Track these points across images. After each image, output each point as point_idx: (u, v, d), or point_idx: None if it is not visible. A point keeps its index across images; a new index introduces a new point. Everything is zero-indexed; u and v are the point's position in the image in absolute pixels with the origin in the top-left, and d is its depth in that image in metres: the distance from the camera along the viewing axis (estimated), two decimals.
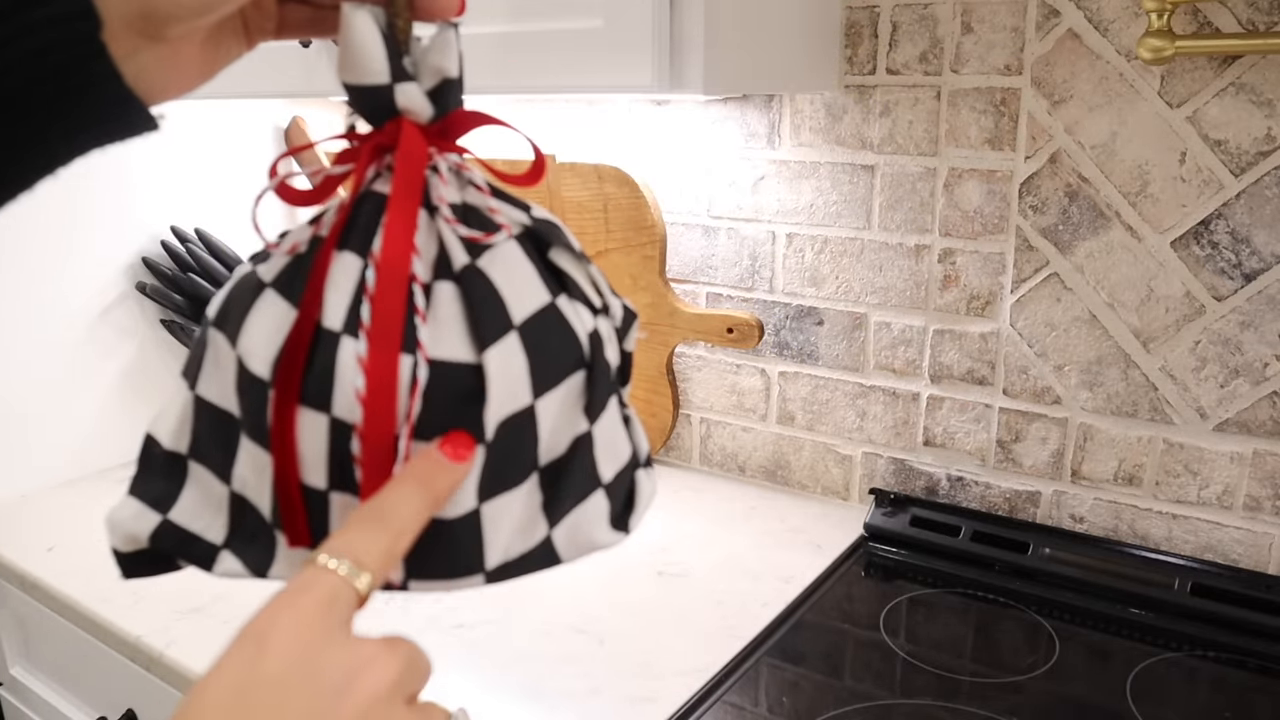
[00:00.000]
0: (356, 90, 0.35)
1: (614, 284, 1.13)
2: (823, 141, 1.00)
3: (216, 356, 0.36)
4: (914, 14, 0.92)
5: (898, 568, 0.94)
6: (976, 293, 0.95)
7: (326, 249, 0.34)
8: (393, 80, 0.35)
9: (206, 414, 0.37)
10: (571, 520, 0.37)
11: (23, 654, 1.08)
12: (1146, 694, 0.74)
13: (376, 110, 0.35)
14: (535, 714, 0.72)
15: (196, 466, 0.37)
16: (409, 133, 0.35)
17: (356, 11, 0.34)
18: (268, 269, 0.36)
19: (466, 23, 0.96)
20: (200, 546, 0.37)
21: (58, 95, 0.30)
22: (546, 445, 0.36)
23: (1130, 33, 0.82)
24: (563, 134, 1.18)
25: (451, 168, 0.37)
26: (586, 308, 0.37)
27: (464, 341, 0.34)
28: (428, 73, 0.36)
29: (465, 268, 0.34)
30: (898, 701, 0.73)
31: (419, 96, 0.35)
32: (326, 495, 0.34)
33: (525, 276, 0.36)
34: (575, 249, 0.38)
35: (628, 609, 0.86)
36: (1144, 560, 0.88)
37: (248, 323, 0.35)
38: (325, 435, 0.33)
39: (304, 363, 0.33)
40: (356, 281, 0.34)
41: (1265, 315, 0.82)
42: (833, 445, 1.08)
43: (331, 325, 0.33)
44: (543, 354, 0.35)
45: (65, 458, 1.18)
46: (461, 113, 0.37)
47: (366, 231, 0.35)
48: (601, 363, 0.37)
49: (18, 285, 1.11)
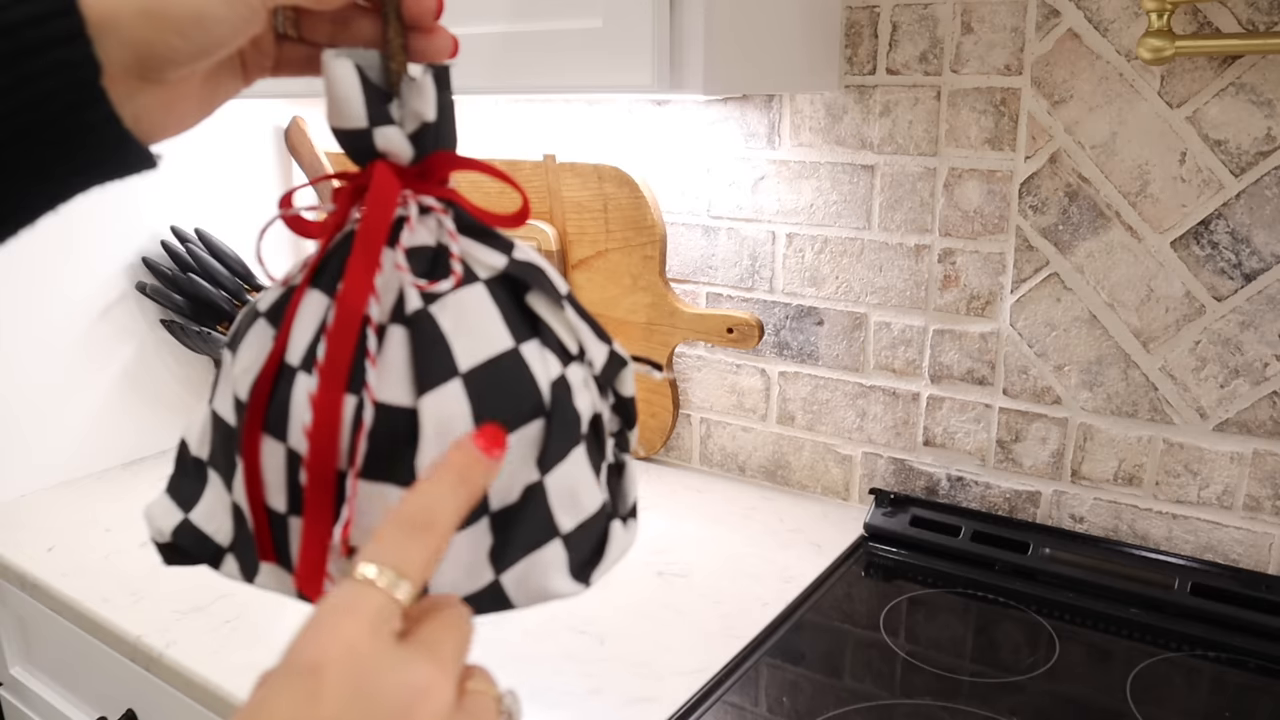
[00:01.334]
0: (341, 133, 0.36)
1: (614, 284, 1.13)
2: (823, 141, 1.00)
3: (225, 375, 0.38)
4: (914, 14, 0.92)
5: (898, 568, 0.94)
6: (976, 293, 0.95)
7: (301, 286, 0.36)
8: (370, 124, 0.36)
9: (218, 427, 0.39)
10: (522, 568, 0.36)
11: (23, 654, 1.08)
12: (1146, 694, 0.74)
13: (360, 152, 0.36)
14: (535, 714, 0.72)
15: (212, 474, 0.39)
16: (381, 175, 0.36)
17: (337, 59, 0.35)
18: (264, 299, 0.38)
19: (466, 23, 0.96)
20: (210, 546, 0.39)
21: (60, 138, 0.31)
22: (498, 491, 0.36)
23: (1130, 33, 0.82)
24: (563, 134, 1.18)
25: (425, 209, 0.37)
26: (557, 355, 0.37)
27: (405, 386, 0.34)
28: (410, 116, 0.37)
29: (416, 312, 0.35)
30: (898, 701, 0.73)
31: (399, 139, 0.36)
32: (285, 519, 0.36)
33: (485, 322, 0.36)
34: (557, 292, 0.38)
35: (628, 609, 0.86)
36: (1144, 560, 0.88)
37: (241, 348, 0.37)
38: (283, 463, 0.35)
39: (268, 393, 0.35)
40: (319, 320, 0.35)
41: (1265, 315, 0.82)
42: (833, 445, 1.08)
43: (291, 360, 0.35)
44: (491, 400, 0.35)
45: (65, 458, 1.18)
46: (441, 155, 0.37)
47: (336, 271, 0.35)
48: (565, 410, 0.36)
49: (18, 285, 1.11)
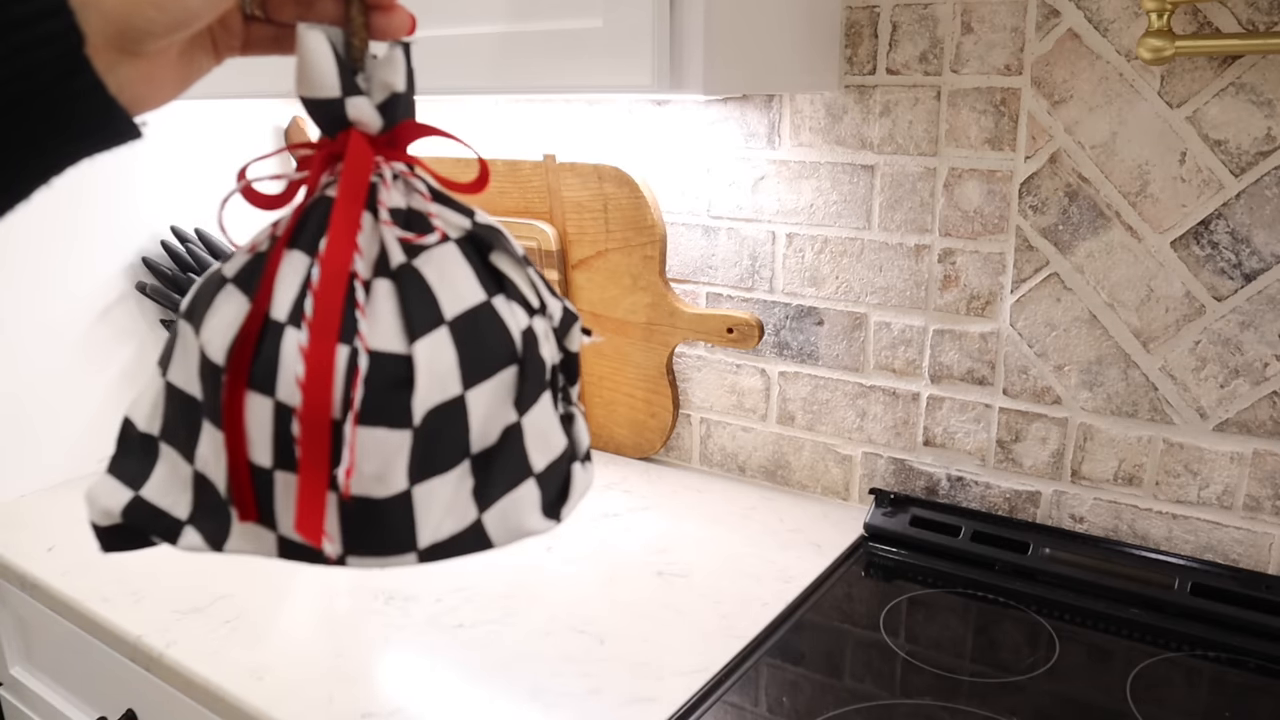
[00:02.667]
0: (312, 103, 0.38)
1: (614, 284, 1.13)
2: (823, 141, 1.00)
3: (184, 346, 0.39)
4: (914, 14, 0.92)
5: (898, 568, 0.94)
6: (976, 293, 0.95)
7: (278, 248, 0.38)
8: (343, 94, 0.38)
9: (175, 399, 0.39)
10: (502, 506, 0.39)
11: (23, 654, 1.08)
12: (1146, 694, 0.74)
13: (330, 121, 0.39)
14: (535, 714, 0.72)
15: (166, 447, 0.40)
16: (356, 142, 0.38)
17: (310, 31, 0.37)
18: (230, 266, 0.39)
19: (466, 23, 0.96)
20: (166, 521, 0.40)
21: (50, 108, 0.33)
22: (478, 434, 0.38)
23: (1130, 33, 0.82)
24: (563, 134, 1.18)
25: (397, 175, 0.39)
26: (523, 307, 0.40)
27: (397, 334, 0.36)
28: (378, 87, 0.39)
29: (401, 266, 0.37)
30: (898, 701, 0.73)
31: (369, 109, 0.38)
32: (271, 473, 0.37)
33: (461, 276, 0.38)
34: (516, 253, 0.41)
35: (628, 609, 0.86)
36: (1144, 560, 0.88)
37: (209, 314, 0.38)
38: (270, 417, 0.36)
39: (253, 351, 0.36)
40: (303, 277, 0.37)
41: (1265, 315, 0.82)
42: (833, 445, 1.08)
43: (278, 316, 0.36)
44: (473, 348, 0.38)
45: (65, 458, 1.18)
46: (409, 124, 0.40)
47: (315, 233, 0.38)
48: (534, 358, 0.40)
49: (18, 285, 1.11)
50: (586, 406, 1.22)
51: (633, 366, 1.16)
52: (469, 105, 1.26)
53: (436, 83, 0.87)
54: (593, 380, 1.20)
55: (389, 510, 0.37)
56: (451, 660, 0.78)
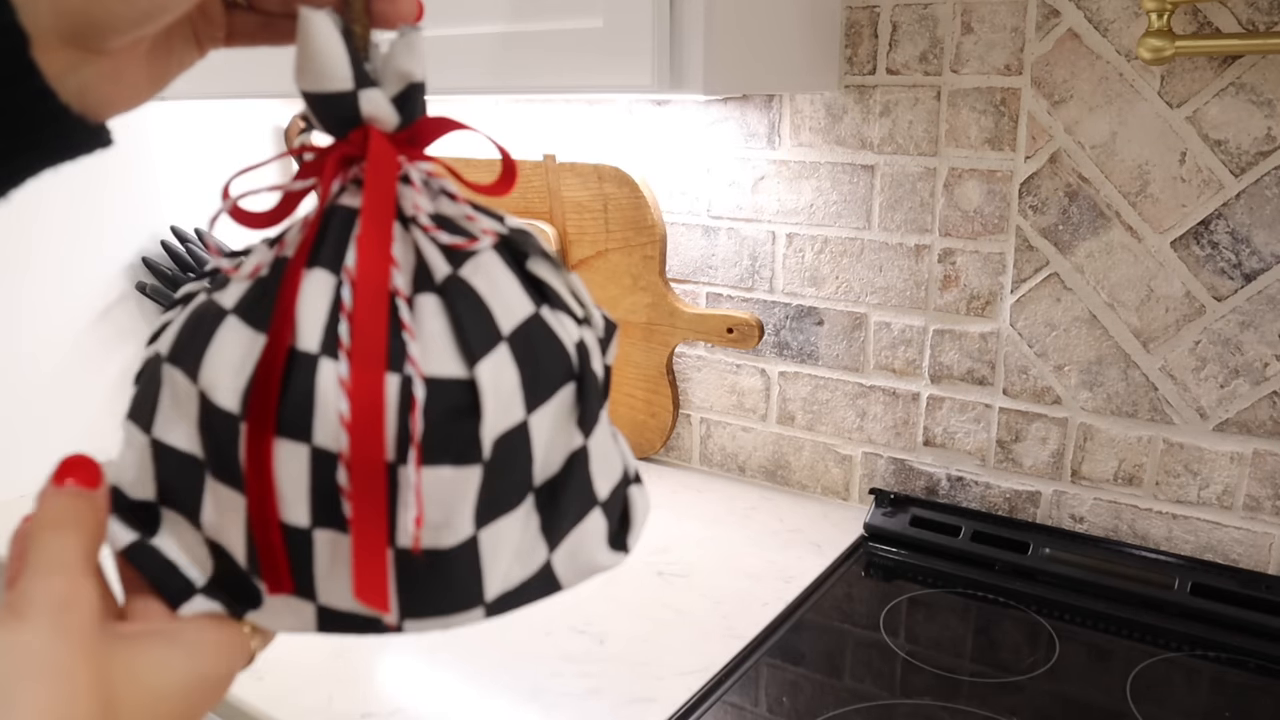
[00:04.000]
0: (318, 98, 0.33)
1: (614, 284, 1.13)
2: (823, 141, 1.00)
3: (174, 394, 0.33)
4: (914, 14, 0.92)
5: (898, 568, 0.94)
6: (976, 293, 0.95)
7: (295, 268, 0.32)
8: (357, 87, 0.33)
9: (169, 460, 0.34)
10: (571, 542, 0.35)
11: None
12: (1146, 694, 0.74)
13: (339, 119, 0.34)
14: (535, 714, 0.72)
15: (169, 512, 0.35)
16: (378, 141, 0.33)
17: (316, 14, 0.32)
18: (227, 295, 0.33)
19: (466, 23, 0.96)
20: (178, 579, 0.34)
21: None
22: (541, 463, 0.34)
23: (1130, 33, 0.82)
24: (563, 134, 1.18)
25: (423, 176, 0.35)
26: (570, 318, 0.35)
27: (453, 356, 0.32)
28: (392, 78, 0.34)
29: (448, 278, 0.32)
30: (898, 701, 0.73)
31: (384, 103, 0.33)
32: (310, 533, 0.32)
33: (509, 286, 0.34)
34: (554, 259, 0.36)
35: (628, 609, 0.86)
36: (1144, 560, 0.88)
37: (209, 354, 0.32)
38: (306, 467, 0.31)
39: (278, 391, 0.31)
40: (331, 299, 0.32)
41: (1265, 315, 0.82)
42: (833, 445, 1.08)
43: (307, 348, 0.31)
44: (533, 366, 0.33)
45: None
46: (429, 119, 0.35)
47: (338, 247, 0.32)
48: (590, 374, 0.35)
49: (18, 285, 1.11)
50: None
51: (633, 366, 1.16)
52: (469, 105, 1.26)
53: (436, 83, 0.87)
54: None
55: (454, 561, 0.32)
56: (451, 660, 0.78)
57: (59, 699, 0.27)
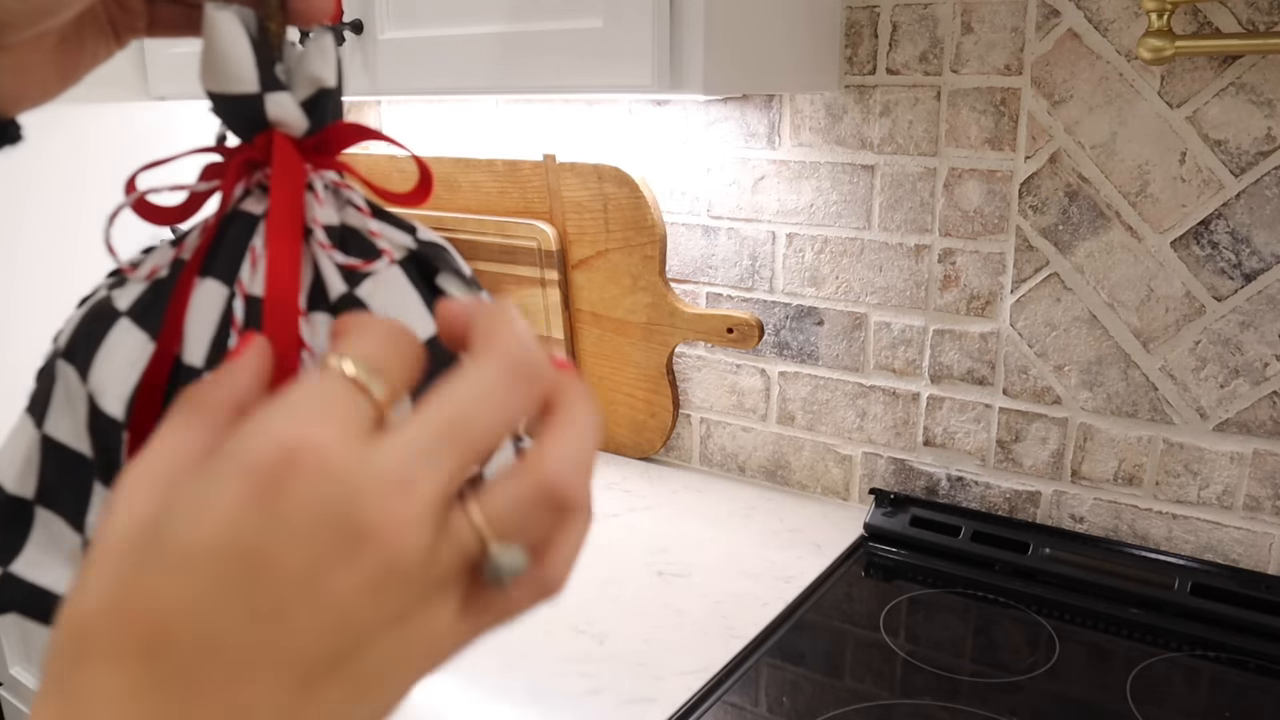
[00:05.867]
0: (222, 99, 0.32)
1: (614, 284, 1.13)
2: (823, 141, 1.00)
3: (66, 392, 0.33)
4: (914, 14, 0.92)
5: (898, 568, 0.94)
6: (976, 293, 0.95)
7: (188, 276, 0.31)
8: (262, 89, 0.31)
9: (56, 455, 0.33)
10: None
11: (23, 654, 1.08)
12: (1146, 694, 0.74)
13: (245, 122, 0.32)
14: (535, 714, 0.72)
15: (45, 513, 0.33)
16: (283, 147, 0.32)
17: (220, 12, 0.31)
18: (123, 295, 0.32)
19: (466, 23, 0.96)
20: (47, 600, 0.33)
21: None
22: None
23: (1130, 33, 0.82)
24: (563, 134, 1.18)
25: (328, 186, 0.33)
26: None
27: None
28: (303, 82, 0.32)
29: (342, 297, 0.32)
30: (898, 701, 0.73)
31: (293, 107, 0.32)
32: None
33: (408, 305, 0.33)
34: (464, 274, 0.35)
35: (628, 609, 0.86)
36: (1144, 560, 0.88)
37: (100, 356, 0.32)
38: None
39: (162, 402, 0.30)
40: (220, 313, 0.31)
41: (1265, 315, 0.82)
42: (833, 445, 1.08)
43: (192, 361, 0.30)
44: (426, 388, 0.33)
45: None
46: (341, 125, 0.33)
47: (233, 256, 0.31)
48: None
49: (17, 285, 1.11)
50: None
51: (633, 366, 1.16)
52: (469, 105, 1.26)
53: (437, 83, 0.87)
54: (593, 380, 1.20)
55: None
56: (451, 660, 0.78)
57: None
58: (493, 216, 1.19)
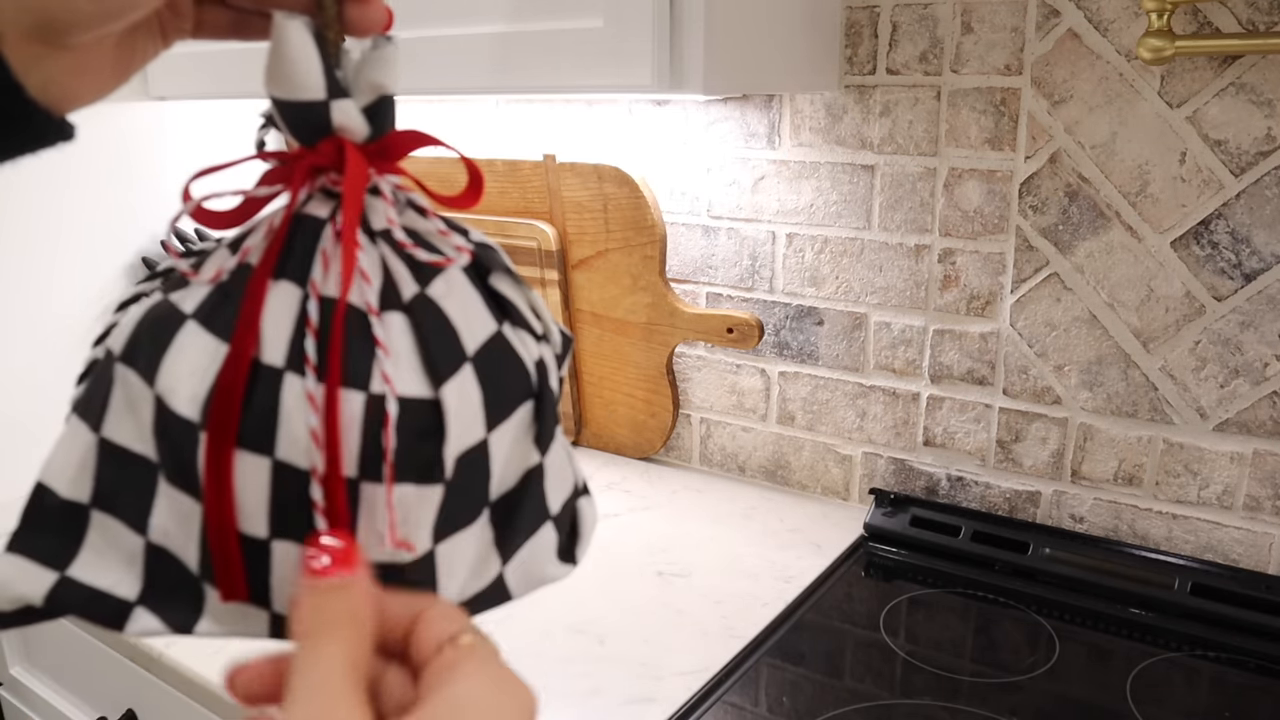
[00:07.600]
0: (289, 106, 0.33)
1: (614, 284, 1.13)
2: (823, 141, 1.00)
3: (127, 395, 0.33)
4: (914, 14, 0.92)
5: (898, 568, 0.94)
6: (976, 293, 0.95)
7: (260, 278, 0.32)
8: (329, 97, 0.33)
9: (115, 459, 0.33)
10: (523, 555, 0.36)
11: (23, 654, 1.08)
12: (1146, 694, 0.74)
13: (309, 128, 0.33)
14: None
15: (102, 516, 0.34)
16: (352, 153, 0.33)
17: (290, 21, 0.32)
18: (186, 299, 0.33)
19: (466, 23, 0.96)
20: (109, 604, 0.33)
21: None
22: (498, 479, 0.34)
23: (1130, 33, 0.82)
24: (563, 134, 1.18)
25: (394, 190, 0.34)
26: (530, 335, 0.36)
27: (418, 376, 0.32)
28: (364, 89, 0.34)
29: (415, 297, 0.33)
30: (898, 701, 0.73)
31: (356, 115, 0.33)
32: (268, 544, 0.32)
33: (473, 304, 0.34)
34: (515, 274, 0.37)
35: (628, 609, 0.86)
36: (1144, 560, 0.88)
37: (167, 359, 0.32)
38: (267, 480, 0.31)
39: (241, 403, 0.31)
40: (297, 313, 0.32)
41: (1265, 315, 0.82)
42: (833, 445, 1.08)
43: (272, 361, 0.31)
44: (495, 385, 0.33)
45: None
46: (401, 132, 0.35)
47: (304, 259, 0.32)
48: (548, 391, 0.36)
49: (17, 285, 1.11)
50: (586, 407, 1.22)
51: (633, 366, 1.16)
52: (469, 105, 1.26)
53: (437, 83, 0.87)
54: (593, 380, 1.20)
55: (411, 576, 0.33)
56: None
57: None
58: (493, 216, 1.19)
